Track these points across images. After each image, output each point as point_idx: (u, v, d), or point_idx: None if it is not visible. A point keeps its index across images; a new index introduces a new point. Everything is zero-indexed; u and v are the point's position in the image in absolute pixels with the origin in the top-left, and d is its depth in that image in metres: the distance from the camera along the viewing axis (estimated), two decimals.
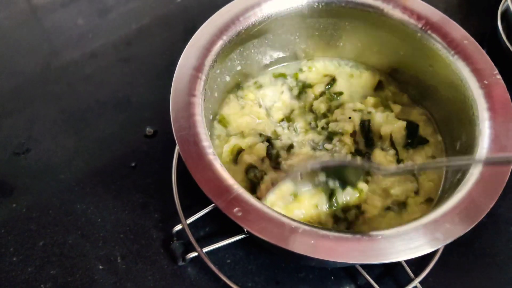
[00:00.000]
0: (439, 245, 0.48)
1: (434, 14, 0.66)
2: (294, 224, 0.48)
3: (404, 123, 0.67)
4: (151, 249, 0.65)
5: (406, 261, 0.62)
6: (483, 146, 0.55)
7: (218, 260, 0.64)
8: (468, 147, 0.58)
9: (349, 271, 0.64)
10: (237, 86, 0.73)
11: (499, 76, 0.60)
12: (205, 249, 0.61)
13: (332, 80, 0.74)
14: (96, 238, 0.66)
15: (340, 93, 0.73)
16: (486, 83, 0.59)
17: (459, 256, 0.66)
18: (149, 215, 0.68)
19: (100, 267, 0.63)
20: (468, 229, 0.49)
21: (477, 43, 0.63)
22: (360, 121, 0.68)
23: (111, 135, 0.76)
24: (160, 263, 0.64)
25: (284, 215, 0.49)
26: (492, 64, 0.61)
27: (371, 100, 0.71)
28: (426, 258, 0.63)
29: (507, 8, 0.83)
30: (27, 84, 0.82)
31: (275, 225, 0.48)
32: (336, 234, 0.48)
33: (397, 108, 0.71)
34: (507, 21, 0.85)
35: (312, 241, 0.47)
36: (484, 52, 0.62)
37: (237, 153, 0.65)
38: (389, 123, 0.68)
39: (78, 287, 0.62)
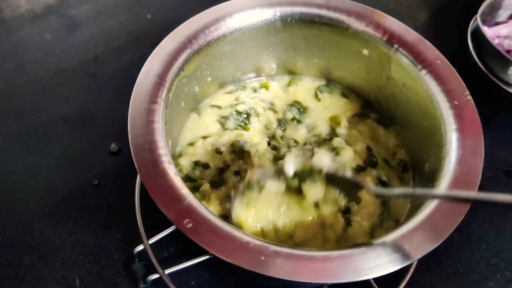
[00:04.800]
0: (393, 269, 0.46)
1: (408, 33, 0.66)
2: (245, 238, 0.46)
3: None
4: (111, 271, 0.62)
5: (375, 280, 0.59)
6: (449, 168, 0.53)
7: (182, 282, 0.61)
8: (435, 170, 0.56)
9: None
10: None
11: (469, 97, 0.59)
12: (168, 271, 0.58)
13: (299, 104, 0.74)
14: (54, 259, 0.63)
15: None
16: (457, 103, 0.58)
17: (431, 276, 0.64)
18: (111, 235, 0.65)
19: None
20: (424, 254, 0.46)
21: (449, 64, 0.62)
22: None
23: (74, 152, 0.73)
24: (121, 286, 0.61)
25: (236, 229, 0.47)
26: (464, 85, 0.60)
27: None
28: (397, 278, 0.61)
29: (477, 27, 0.84)
30: None
31: (225, 239, 0.46)
32: (288, 250, 0.46)
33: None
34: (477, 39, 0.85)
35: (262, 258, 0.45)
36: (456, 72, 0.62)
37: None
38: None
39: None
